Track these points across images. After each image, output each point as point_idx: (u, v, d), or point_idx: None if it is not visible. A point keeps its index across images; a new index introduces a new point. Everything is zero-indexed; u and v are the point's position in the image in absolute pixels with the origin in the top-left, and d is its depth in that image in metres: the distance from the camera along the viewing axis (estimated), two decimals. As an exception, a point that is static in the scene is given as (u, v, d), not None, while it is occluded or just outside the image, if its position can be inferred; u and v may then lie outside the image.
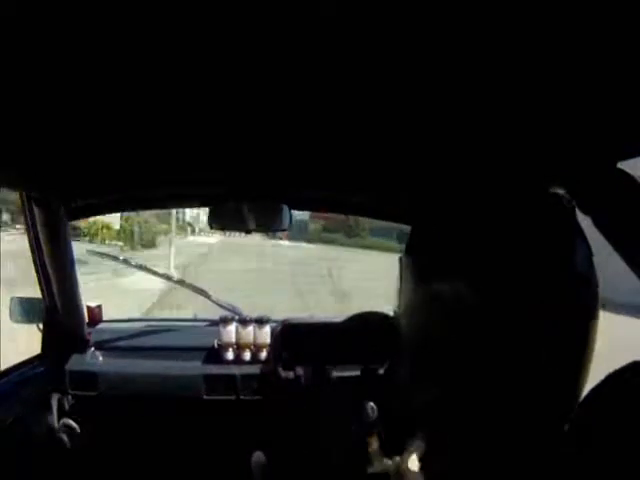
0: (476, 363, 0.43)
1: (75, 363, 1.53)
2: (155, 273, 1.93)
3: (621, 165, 0.62)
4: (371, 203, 1.46)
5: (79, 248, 1.60)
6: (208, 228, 1.50)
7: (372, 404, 0.93)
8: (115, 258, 2.01)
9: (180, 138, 0.87)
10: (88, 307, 1.67)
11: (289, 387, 1.41)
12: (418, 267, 0.47)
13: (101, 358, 1.57)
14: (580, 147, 0.67)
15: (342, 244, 19.79)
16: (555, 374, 0.42)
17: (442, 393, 0.45)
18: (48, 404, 1.38)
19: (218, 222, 1.41)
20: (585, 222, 0.50)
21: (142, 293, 7.21)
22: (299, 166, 1.10)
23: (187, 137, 0.87)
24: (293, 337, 1.55)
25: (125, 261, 1.93)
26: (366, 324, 1.17)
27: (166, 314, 6.19)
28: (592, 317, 0.43)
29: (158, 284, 6.30)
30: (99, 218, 12.04)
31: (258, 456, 1.13)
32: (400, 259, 0.49)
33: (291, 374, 1.44)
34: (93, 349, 1.58)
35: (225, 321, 1.63)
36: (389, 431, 0.79)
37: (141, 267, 1.96)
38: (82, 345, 1.57)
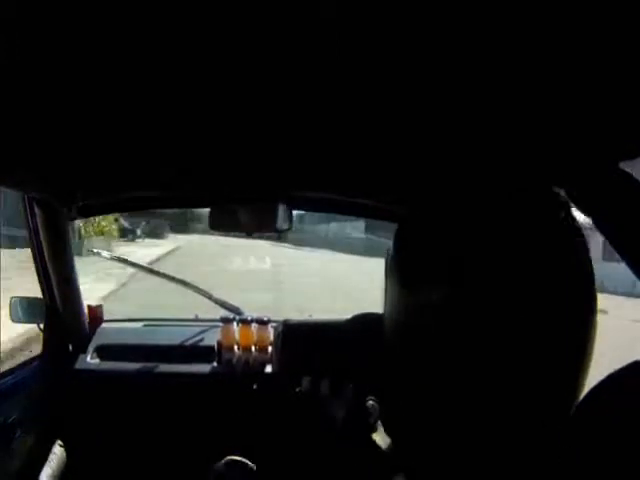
0: (467, 362, 0.42)
1: (76, 363, 1.53)
2: (152, 271, 1.94)
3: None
4: (373, 203, 1.46)
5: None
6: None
7: (372, 402, 0.92)
8: (113, 257, 2.01)
9: (181, 139, 0.87)
10: (89, 307, 1.67)
11: (290, 388, 1.41)
12: (404, 265, 0.46)
13: (102, 358, 1.57)
14: (581, 147, 0.67)
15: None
16: (552, 373, 0.42)
17: (426, 393, 0.44)
18: (49, 404, 1.38)
19: (218, 223, 1.41)
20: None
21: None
22: (299, 167, 1.10)
23: (188, 138, 0.87)
24: (295, 337, 1.55)
25: (122, 260, 1.93)
26: (368, 325, 1.17)
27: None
28: (591, 314, 0.42)
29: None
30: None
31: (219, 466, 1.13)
32: (386, 259, 0.48)
33: (292, 374, 1.44)
34: (94, 349, 1.58)
35: (226, 321, 1.62)
36: (390, 429, 0.78)
37: (139, 266, 1.97)
38: (83, 345, 1.58)
